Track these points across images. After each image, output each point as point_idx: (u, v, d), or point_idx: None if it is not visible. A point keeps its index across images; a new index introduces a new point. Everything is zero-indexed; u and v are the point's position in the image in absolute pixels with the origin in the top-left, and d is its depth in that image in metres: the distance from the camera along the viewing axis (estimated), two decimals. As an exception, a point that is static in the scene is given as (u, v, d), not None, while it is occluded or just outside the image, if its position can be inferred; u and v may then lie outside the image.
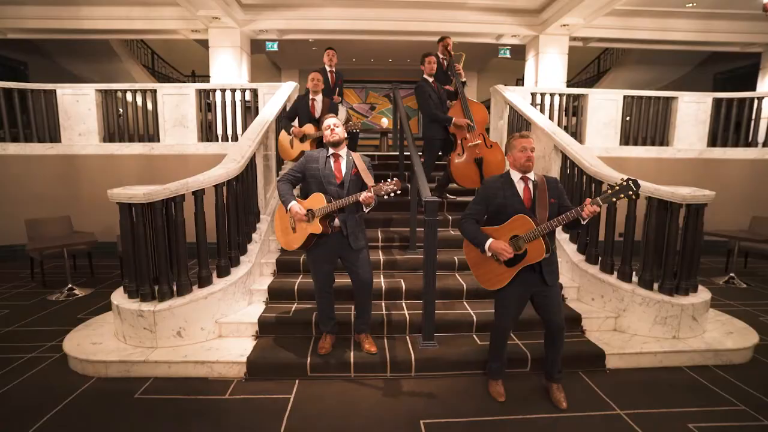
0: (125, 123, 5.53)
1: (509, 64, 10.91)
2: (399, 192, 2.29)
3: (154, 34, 7.28)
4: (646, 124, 6.01)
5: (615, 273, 3.19)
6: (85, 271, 4.86)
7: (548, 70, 7.19)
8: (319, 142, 3.94)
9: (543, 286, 2.17)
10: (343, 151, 2.56)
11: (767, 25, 7.29)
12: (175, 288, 2.77)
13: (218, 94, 5.50)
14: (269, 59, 12.23)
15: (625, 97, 5.92)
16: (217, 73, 6.85)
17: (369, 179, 2.43)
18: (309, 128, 3.81)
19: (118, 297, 2.84)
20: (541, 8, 6.77)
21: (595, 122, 5.83)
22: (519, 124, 5.05)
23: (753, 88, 8.27)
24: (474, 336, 2.95)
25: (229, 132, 5.56)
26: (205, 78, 10.80)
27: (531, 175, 2.20)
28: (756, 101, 6.08)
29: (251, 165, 3.53)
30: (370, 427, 2.14)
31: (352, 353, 2.66)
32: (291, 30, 7.25)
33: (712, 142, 6.13)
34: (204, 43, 9.13)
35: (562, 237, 3.72)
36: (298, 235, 2.48)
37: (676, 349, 2.80)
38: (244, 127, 5.69)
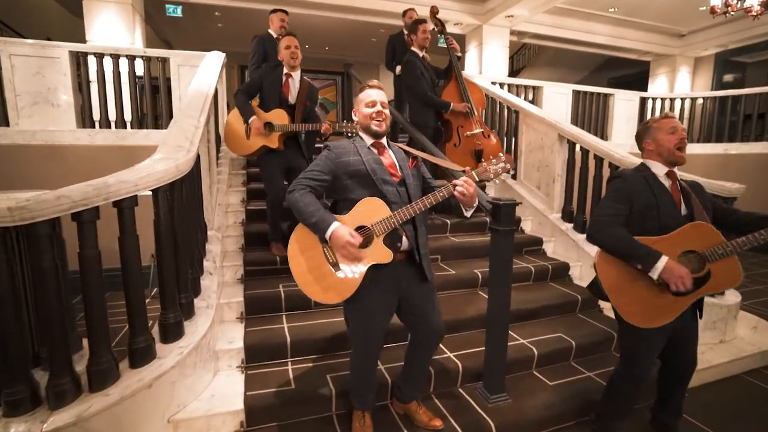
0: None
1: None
2: (513, 173, 1.55)
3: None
4: (590, 119, 6.19)
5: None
6: None
7: (492, 61, 7.01)
8: (291, 140, 2.84)
9: (690, 318, 1.62)
10: (384, 140, 1.69)
11: (662, 37, 8.27)
12: (85, 378, 1.53)
13: (107, 61, 3.90)
14: (158, 35, 9.98)
15: (573, 91, 5.99)
16: (97, 39, 5.00)
17: (447, 163, 1.64)
18: (278, 116, 2.68)
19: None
20: (488, -4, 6.52)
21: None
22: (494, 112, 4.61)
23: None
24: (535, 373, 2.31)
25: (128, 116, 4.01)
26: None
27: (677, 171, 1.64)
28: (669, 101, 6.74)
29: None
30: None
31: (406, 434, 1.78)
32: (203, -9, 5.74)
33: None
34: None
35: (579, 237, 3.32)
36: (351, 269, 1.49)
37: (734, 357, 2.56)
38: (153, 110, 4.17)
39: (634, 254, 1.52)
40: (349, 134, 2.46)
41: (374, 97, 1.61)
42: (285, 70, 2.73)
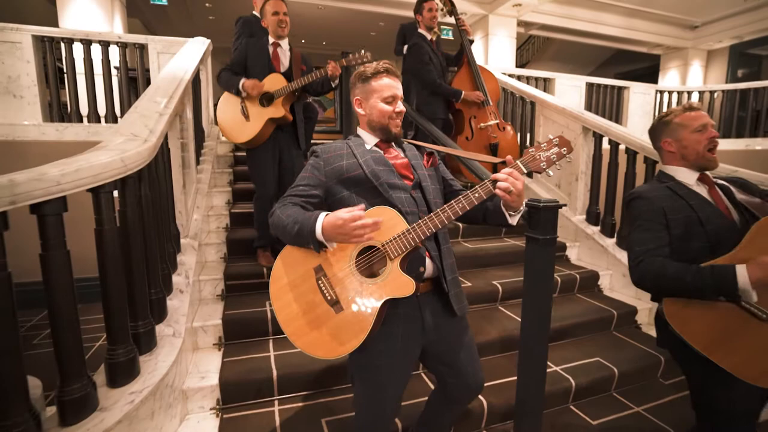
0: None
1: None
2: (570, 159, 1.17)
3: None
4: (604, 113, 5.82)
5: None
6: None
7: (498, 53, 6.63)
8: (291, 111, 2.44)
9: None
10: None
11: (674, 29, 7.90)
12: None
13: (78, 48, 3.50)
14: (144, 25, 9.54)
15: (586, 83, 5.62)
16: (71, 28, 4.59)
17: (478, 155, 1.29)
18: (273, 81, 2.29)
19: None
20: (494, -17, 6.15)
21: (562, 109, 5.38)
22: (506, 103, 4.23)
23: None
24: (573, 408, 1.92)
25: (102, 109, 3.61)
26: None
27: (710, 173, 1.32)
28: (686, 95, 6.37)
29: (162, 152, 1.92)
30: None
31: (424, 504, 1.39)
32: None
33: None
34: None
35: (608, 242, 2.94)
36: (358, 308, 1.08)
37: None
38: (127, 104, 3.77)
39: (703, 286, 1.11)
40: (365, 60, 2.12)
41: (395, 91, 1.21)
42: (272, 39, 2.35)
